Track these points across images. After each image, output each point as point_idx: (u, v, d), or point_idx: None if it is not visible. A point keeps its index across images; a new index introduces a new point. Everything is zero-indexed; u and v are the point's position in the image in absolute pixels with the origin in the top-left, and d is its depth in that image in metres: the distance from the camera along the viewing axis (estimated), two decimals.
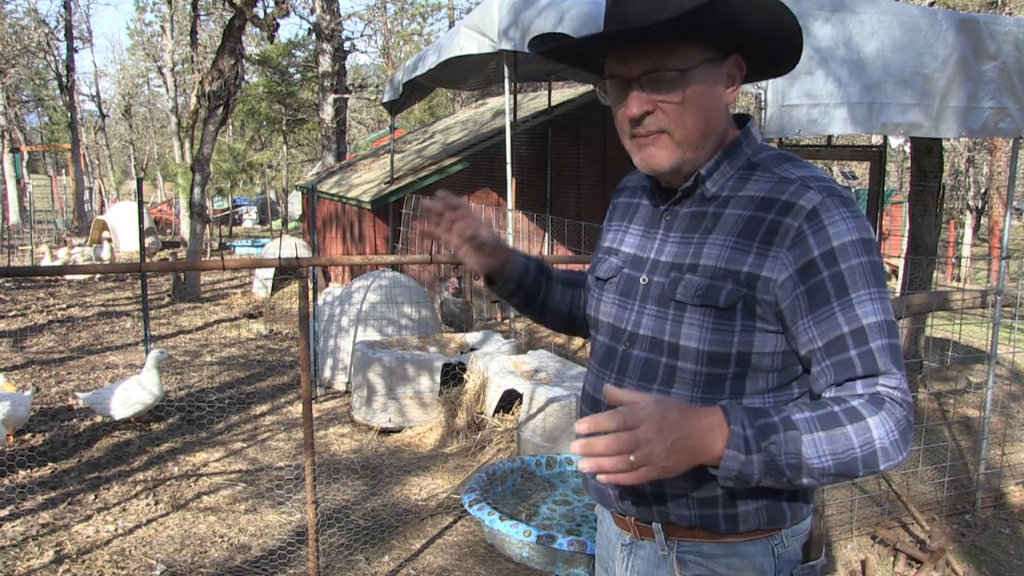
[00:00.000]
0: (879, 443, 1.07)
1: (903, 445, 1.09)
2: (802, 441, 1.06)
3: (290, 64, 23.17)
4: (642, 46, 1.18)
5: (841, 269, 1.13)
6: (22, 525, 3.72)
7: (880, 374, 1.11)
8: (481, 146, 9.76)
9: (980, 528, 4.03)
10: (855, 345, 1.12)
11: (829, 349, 1.14)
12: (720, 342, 1.19)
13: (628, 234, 1.37)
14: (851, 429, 1.07)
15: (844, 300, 1.12)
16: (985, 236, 20.20)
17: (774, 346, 1.19)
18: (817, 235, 1.14)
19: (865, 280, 1.13)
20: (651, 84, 1.19)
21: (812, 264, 1.13)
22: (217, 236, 17.61)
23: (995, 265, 12.88)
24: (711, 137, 1.23)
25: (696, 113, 1.20)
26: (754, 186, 1.22)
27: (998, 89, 3.62)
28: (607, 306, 1.35)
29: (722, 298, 1.18)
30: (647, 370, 1.26)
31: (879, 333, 1.12)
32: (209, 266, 3.01)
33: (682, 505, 1.24)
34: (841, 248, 1.13)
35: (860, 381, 1.12)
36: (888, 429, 1.08)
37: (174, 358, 6.99)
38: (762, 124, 3.10)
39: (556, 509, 3.78)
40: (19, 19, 25.89)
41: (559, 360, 5.25)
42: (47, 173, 37.32)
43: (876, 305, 1.13)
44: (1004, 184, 15.47)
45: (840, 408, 1.09)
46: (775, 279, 1.15)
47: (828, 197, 1.15)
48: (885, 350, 1.12)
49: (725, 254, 1.19)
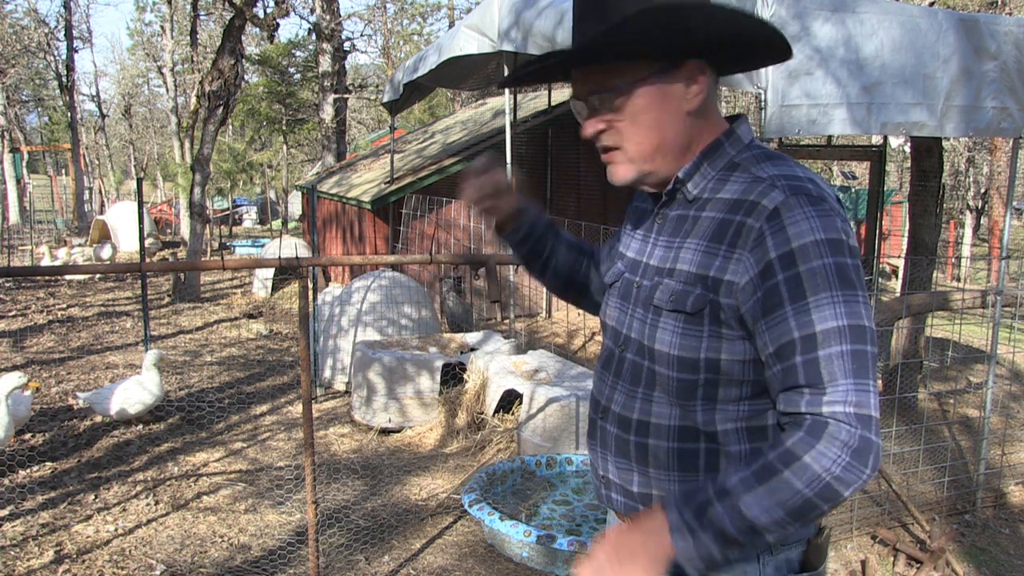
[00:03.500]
0: (827, 475, 1.02)
1: (860, 464, 1.03)
2: (742, 503, 1.04)
3: (290, 64, 23.17)
4: (587, 68, 1.21)
5: (799, 271, 1.07)
6: (22, 525, 3.72)
7: (824, 385, 1.05)
8: (481, 146, 9.75)
9: (980, 528, 4.03)
10: (802, 351, 1.07)
11: (779, 354, 1.09)
12: (688, 347, 1.18)
13: (632, 239, 1.37)
14: (789, 473, 1.03)
15: (799, 304, 1.07)
16: (985, 236, 20.20)
17: (743, 354, 1.16)
18: (776, 236, 1.09)
19: (827, 283, 1.07)
20: (599, 103, 1.20)
21: (769, 266, 1.09)
22: (217, 236, 17.61)
23: (995, 265, 12.88)
24: (669, 148, 1.22)
25: (645, 128, 1.19)
26: (731, 187, 1.19)
27: (999, 89, 3.62)
28: (611, 310, 1.36)
29: (689, 303, 1.17)
30: (635, 373, 1.27)
31: (834, 339, 1.05)
32: (209, 266, 3.01)
33: None
34: (801, 249, 1.08)
35: (805, 395, 1.07)
36: (833, 457, 1.02)
37: (174, 358, 6.99)
38: (762, 124, 3.11)
39: (556, 509, 3.78)
40: (19, 19, 25.90)
41: (559, 360, 5.25)
42: (47, 173, 37.34)
43: (838, 309, 1.06)
44: (1004, 184, 15.47)
45: (774, 454, 1.05)
46: (737, 283, 1.13)
47: (792, 196, 1.11)
48: (837, 358, 1.05)
49: (697, 258, 1.18)
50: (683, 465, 1.23)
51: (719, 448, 1.21)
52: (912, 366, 5.45)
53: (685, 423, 1.22)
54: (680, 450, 1.23)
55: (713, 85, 1.24)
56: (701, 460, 1.22)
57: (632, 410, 1.27)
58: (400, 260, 3.25)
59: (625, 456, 1.29)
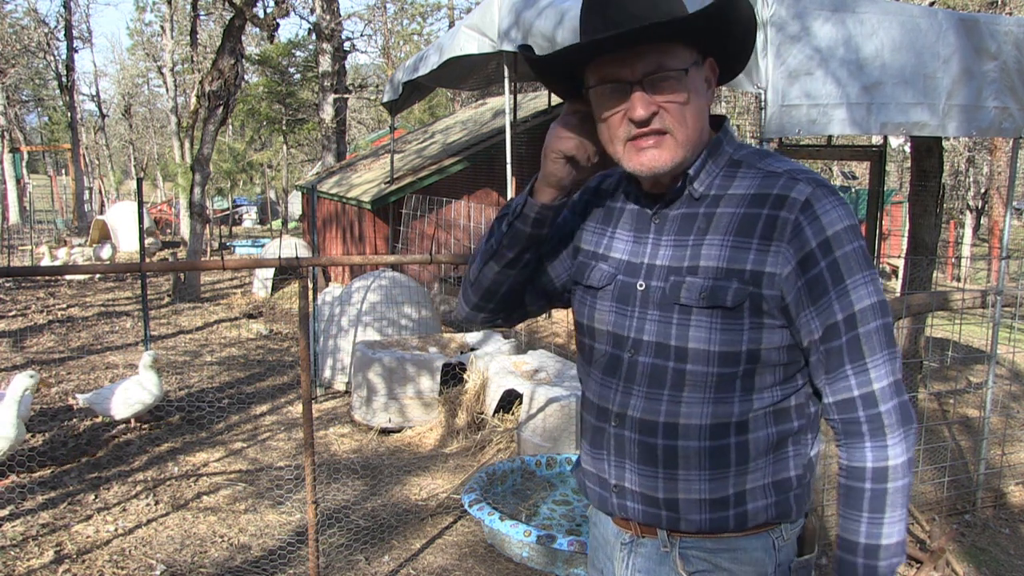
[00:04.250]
0: (907, 455, 1.19)
1: (911, 423, 1.20)
2: (884, 542, 1.19)
3: (290, 64, 23.18)
4: (640, 48, 1.17)
5: (836, 257, 1.16)
6: (22, 525, 3.72)
7: (866, 360, 1.17)
8: (481, 146, 9.76)
9: (980, 528, 4.03)
10: (846, 331, 1.17)
11: (825, 337, 1.18)
12: (730, 342, 1.20)
13: (615, 239, 1.33)
14: (891, 484, 1.17)
15: (840, 287, 1.17)
16: (985, 236, 20.21)
17: (780, 341, 1.21)
18: (812, 225, 1.16)
19: (859, 264, 1.17)
20: (653, 85, 1.17)
21: (811, 255, 1.17)
22: (217, 236, 17.62)
23: (995, 265, 12.88)
24: (702, 137, 1.24)
25: (695, 113, 1.21)
26: (742, 183, 1.23)
27: (1000, 89, 3.62)
28: (604, 314, 1.32)
29: (729, 298, 1.18)
30: (655, 376, 1.25)
31: (870, 315, 1.17)
32: (209, 266, 3.01)
33: (693, 511, 1.25)
34: (835, 236, 1.16)
35: (851, 378, 1.18)
36: (899, 439, 1.18)
37: (174, 358, 6.99)
38: (762, 124, 3.10)
39: (556, 509, 3.78)
40: (19, 19, 25.90)
41: (559, 360, 5.25)
42: (47, 173, 37.35)
43: (869, 288, 1.17)
44: (1004, 184, 15.47)
45: (869, 480, 1.18)
46: (779, 273, 1.18)
47: (817, 188, 1.19)
48: (876, 332, 1.18)
49: (725, 254, 1.19)
50: (715, 463, 1.23)
51: (748, 439, 1.23)
52: (912, 366, 5.45)
53: (717, 420, 1.22)
54: (712, 448, 1.23)
55: None
56: (732, 455, 1.23)
57: (658, 414, 1.24)
58: (400, 260, 3.25)
59: (651, 462, 1.26)
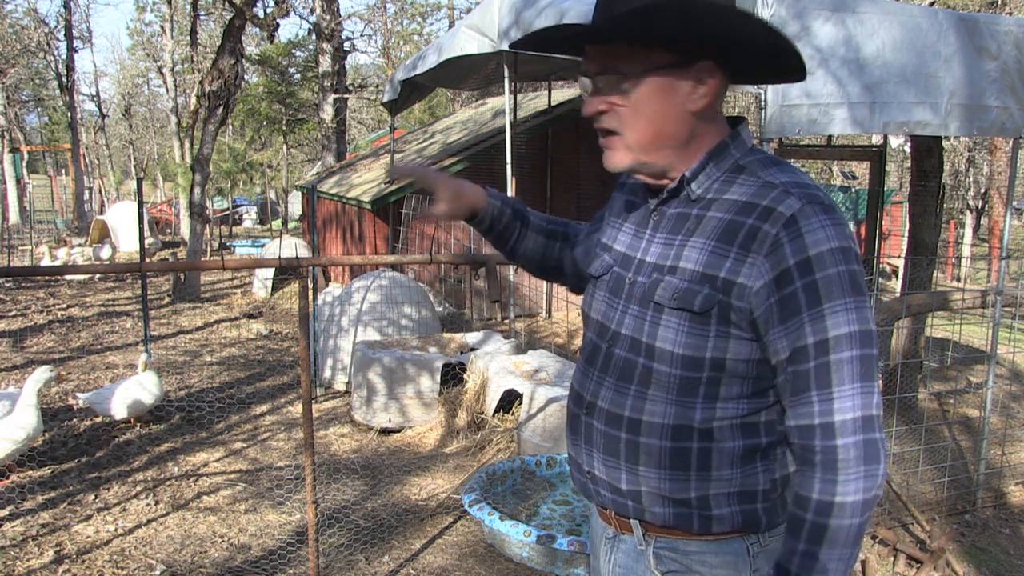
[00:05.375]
0: (860, 495, 1.11)
1: (875, 464, 1.11)
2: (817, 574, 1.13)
3: (290, 64, 23.17)
4: (598, 46, 1.20)
5: (816, 279, 1.11)
6: (22, 525, 3.72)
7: (833, 389, 1.11)
8: (481, 146, 9.76)
9: (980, 528, 4.03)
10: (815, 356, 1.11)
11: (792, 359, 1.13)
12: (694, 346, 1.18)
13: (622, 232, 1.36)
14: (835, 520, 1.11)
15: (815, 311, 1.11)
16: (985, 236, 20.21)
17: (748, 353, 1.18)
18: (794, 243, 1.11)
19: (841, 290, 1.11)
20: (605, 84, 1.20)
21: (787, 273, 1.12)
22: (217, 236, 17.61)
23: (995, 265, 12.88)
24: (667, 143, 1.22)
25: (646, 118, 1.19)
26: (738, 189, 1.20)
27: (1001, 89, 3.62)
28: (598, 303, 1.35)
29: (697, 302, 1.17)
30: (626, 370, 1.26)
31: (845, 344, 1.11)
32: (209, 266, 3.01)
33: (656, 504, 1.25)
34: (818, 257, 1.11)
35: (815, 404, 1.12)
36: (854, 477, 1.11)
37: (174, 358, 6.99)
38: (762, 124, 3.10)
39: (556, 509, 3.78)
40: (19, 19, 25.90)
41: (559, 360, 5.25)
42: (47, 173, 37.34)
43: (851, 315, 1.11)
44: (1004, 184, 15.47)
45: (812, 512, 1.12)
46: (751, 286, 1.14)
47: (808, 204, 1.13)
48: (847, 362, 1.11)
49: (704, 258, 1.18)
50: (674, 464, 1.23)
51: (712, 447, 1.21)
52: (912, 366, 5.45)
53: (680, 421, 1.21)
54: (673, 449, 1.22)
55: (723, 89, 1.23)
56: (693, 459, 1.22)
57: (623, 407, 1.26)
58: (400, 260, 3.25)
59: (614, 454, 1.28)
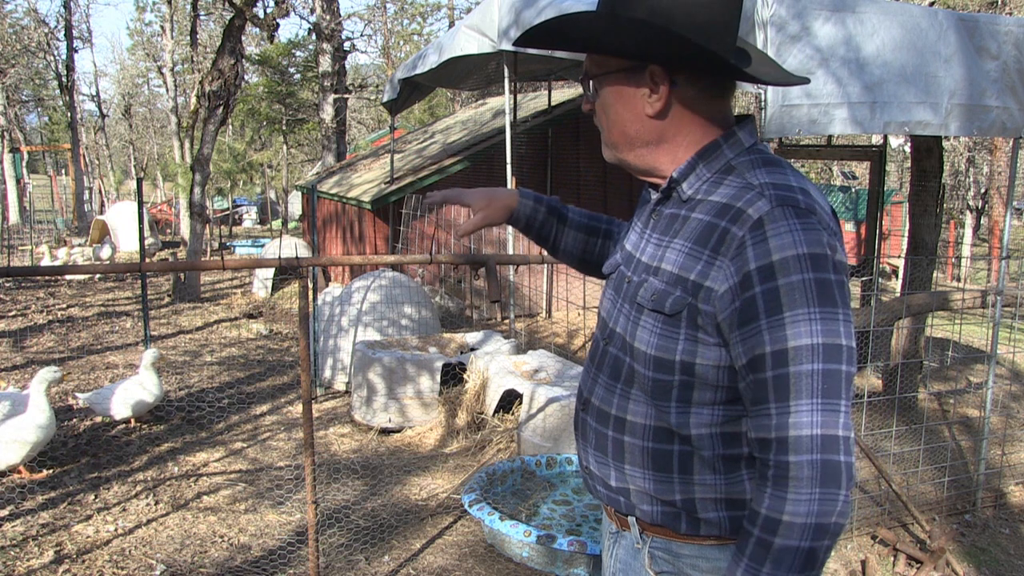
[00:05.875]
0: (810, 519, 1.04)
1: (833, 488, 1.05)
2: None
3: (290, 64, 23.18)
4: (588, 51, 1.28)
5: (778, 285, 1.06)
6: (22, 525, 3.72)
7: (790, 403, 1.05)
8: (481, 146, 9.76)
9: (980, 528, 4.03)
10: (773, 366, 1.06)
11: (751, 366, 1.09)
12: (665, 348, 1.18)
13: (632, 231, 1.38)
14: (780, 540, 1.05)
15: (775, 318, 1.06)
16: (985, 236, 20.20)
17: (717, 359, 1.15)
18: (757, 247, 1.08)
19: (805, 298, 1.05)
20: (587, 86, 1.29)
21: (748, 277, 1.08)
22: (217, 236, 17.61)
23: (995, 265, 12.88)
24: (634, 144, 1.26)
25: (611, 119, 1.26)
26: (723, 191, 1.18)
27: (1001, 89, 3.62)
28: (605, 301, 1.38)
29: (668, 304, 1.17)
30: (615, 368, 1.28)
31: (806, 357, 1.05)
32: (209, 266, 3.00)
33: (645, 502, 1.27)
34: (781, 262, 1.06)
35: (773, 417, 1.07)
36: (806, 499, 1.04)
37: (174, 358, 6.99)
38: (762, 124, 3.10)
39: (556, 509, 3.78)
40: (19, 19, 25.90)
41: (559, 360, 5.25)
42: (47, 173, 37.31)
43: (814, 327, 1.05)
44: (1004, 184, 15.46)
45: (758, 527, 1.08)
46: (716, 290, 1.12)
47: (778, 207, 1.09)
48: (807, 376, 1.05)
49: (680, 260, 1.18)
50: (657, 465, 1.23)
51: (692, 451, 1.21)
52: (912, 366, 5.45)
53: (660, 423, 1.22)
54: (654, 450, 1.23)
55: (698, 89, 1.21)
56: (675, 461, 1.22)
57: (611, 405, 1.28)
58: (400, 260, 3.24)
59: (603, 451, 1.30)
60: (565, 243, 1.62)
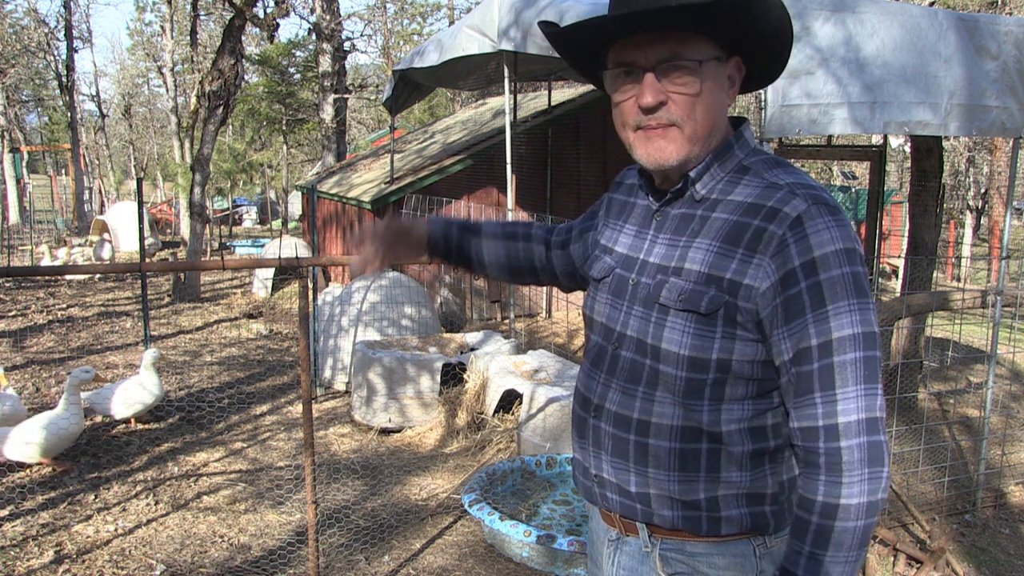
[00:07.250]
0: (865, 498, 1.10)
1: (879, 467, 1.11)
2: None
3: (290, 64, 23.18)
4: (658, 33, 1.16)
5: (820, 280, 1.11)
6: (22, 525, 3.72)
7: (836, 391, 1.11)
8: (481, 146, 9.75)
9: (980, 528, 4.03)
10: (819, 358, 1.11)
11: (796, 360, 1.13)
12: (700, 348, 1.18)
13: (622, 234, 1.36)
14: (840, 523, 1.10)
15: (819, 312, 1.11)
16: (985, 236, 20.20)
17: (754, 355, 1.18)
18: (799, 244, 1.12)
19: (846, 291, 1.11)
20: (666, 74, 1.16)
21: (792, 274, 1.12)
22: (217, 236, 17.61)
23: (995, 265, 12.88)
24: (716, 135, 1.22)
25: (707, 108, 1.19)
26: (743, 190, 1.20)
27: (1001, 89, 3.62)
28: (601, 306, 1.35)
29: (704, 304, 1.17)
30: (633, 371, 1.26)
31: (849, 346, 1.11)
32: (209, 266, 3.00)
33: (665, 507, 1.25)
34: (823, 258, 1.11)
35: (819, 406, 1.12)
36: (858, 479, 1.10)
37: (174, 358, 6.99)
38: (762, 124, 3.10)
39: (556, 509, 3.78)
40: (19, 19, 25.90)
41: (559, 360, 5.25)
42: (47, 173, 37.31)
43: (854, 317, 1.11)
44: (1004, 184, 15.46)
45: (816, 514, 1.12)
46: (757, 287, 1.14)
47: (813, 205, 1.13)
48: (851, 364, 1.11)
49: (709, 259, 1.18)
50: (684, 465, 1.22)
51: (721, 448, 1.21)
52: (912, 366, 5.45)
53: (688, 423, 1.21)
54: (682, 450, 1.22)
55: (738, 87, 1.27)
56: (703, 460, 1.22)
57: (632, 409, 1.26)
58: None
59: (623, 456, 1.27)
60: (488, 254, 1.58)
